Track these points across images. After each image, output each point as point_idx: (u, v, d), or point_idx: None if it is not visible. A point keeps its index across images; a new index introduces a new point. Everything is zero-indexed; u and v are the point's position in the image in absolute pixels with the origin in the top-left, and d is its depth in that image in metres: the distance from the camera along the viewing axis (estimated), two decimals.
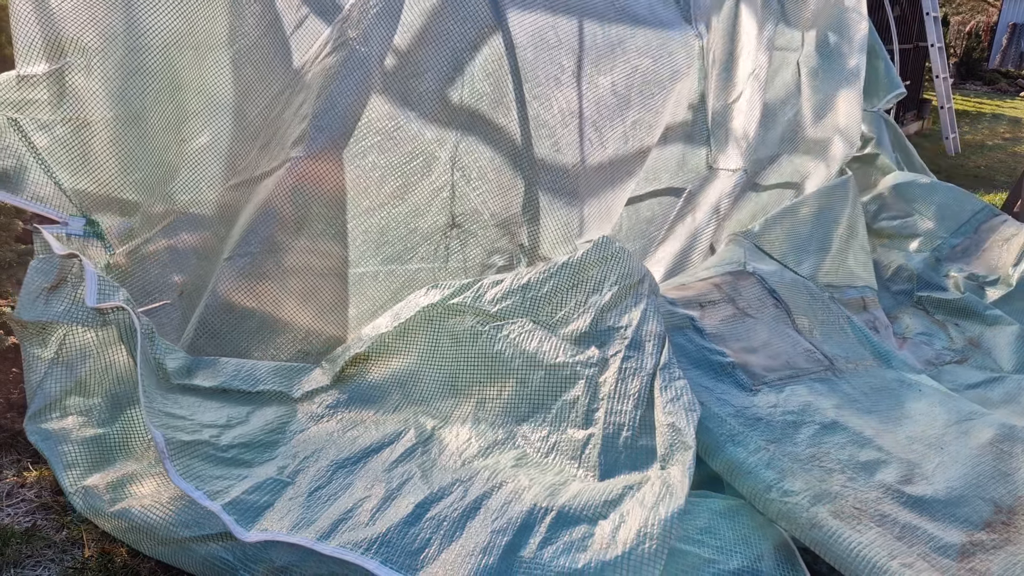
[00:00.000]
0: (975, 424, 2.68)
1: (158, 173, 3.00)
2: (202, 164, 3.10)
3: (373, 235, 3.19)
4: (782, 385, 2.74)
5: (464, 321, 2.74)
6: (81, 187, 2.85)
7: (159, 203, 3.04)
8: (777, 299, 3.20)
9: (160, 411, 2.55)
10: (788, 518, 2.17)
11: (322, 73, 2.95)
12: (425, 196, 3.22)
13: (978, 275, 3.99)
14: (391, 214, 3.19)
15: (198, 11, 2.88)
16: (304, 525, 2.20)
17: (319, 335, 3.09)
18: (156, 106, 2.90)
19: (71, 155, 2.81)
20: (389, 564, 2.05)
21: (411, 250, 3.25)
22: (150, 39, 2.81)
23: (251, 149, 3.13)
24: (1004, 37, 18.13)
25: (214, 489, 2.33)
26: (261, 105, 3.13)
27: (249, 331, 3.03)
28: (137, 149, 2.91)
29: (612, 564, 1.93)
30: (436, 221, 3.27)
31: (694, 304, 3.02)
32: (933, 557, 2.07)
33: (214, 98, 3.04)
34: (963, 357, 3.51)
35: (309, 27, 3.13)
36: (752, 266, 3.36)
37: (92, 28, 2.71)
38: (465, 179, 3.25)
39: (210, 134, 3.08)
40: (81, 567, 2.42)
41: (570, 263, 2.71)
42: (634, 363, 2.47)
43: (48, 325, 2.62)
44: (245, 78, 3.07)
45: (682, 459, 2.18)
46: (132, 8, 2.77)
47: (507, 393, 2.61)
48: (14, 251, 3.30)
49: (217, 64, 3.02)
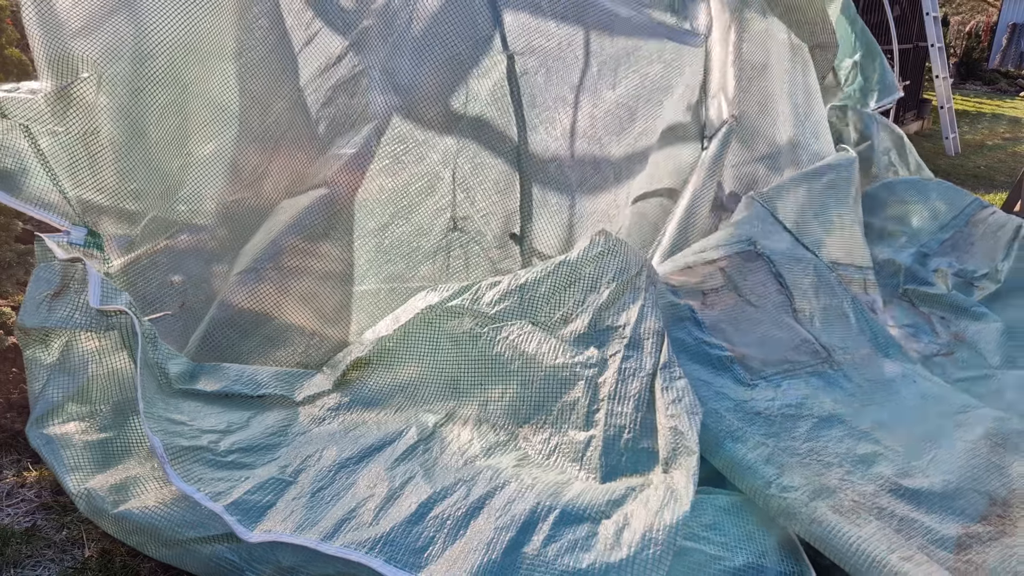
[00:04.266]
0: (969, 417, 2.69)
1: (161, 185, 3.04)
2: (206, 177, 3.15)
3: (378, 254, 3.25)
4: (779, 379, 2.74)
5: (463, 323, 2.74)
6: (85, 197, 2.89)
7: (162, 214, 3.08)
8: (782, 284, 3.16)
9: (159, 416, 2.55)
10: (788, 514, 2.17)
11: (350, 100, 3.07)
12: (428, 216, 3.28)
13: (966, 270, 3.95)
14: (395, 233, 3.26)
15: (205, 24, 2.92)
16: (308, 526, 2.21)
17: (319, 349, 3.14)
18: (161, 119, 2.95)
19: (77, 165, 2.86)
20: (393, 562, 2.05)
21: (413, 268, 3.30)
22: (157, 54, 2.86)
23: (258, 164, 3.18)
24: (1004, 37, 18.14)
25: (216, 490, 2.34)
26: (268, 120, 3.17)
27: (252, 347, 3.08)
28: (140, 161, 2.95)
29: (616, 567, 1.93)
30: (438, 240, 3.34)
31: (695, 292, 2.99)
32: (931, 550, 2.07)
33: (219, 111, 3.09)
34: (949, 351, 3.49)
35: (319, 43, 3.18)
36: (763, 244, 3.30)
37: (99, 43, 2.76)
38: (469, 200, 3.31)
39: (214, 147, 3.12)
40: (81, 567, 2.42)
41: (567, 260, 2.70)
42: (633, 363, 2.47)
43: (51, 331, 2.65)
44: (251, 91, 3.12)
45: (686, 464, 2.17)
46: (140, 22, 2.81)
47: (508, 395, 2.62)
48: (14, 251, 3.31)
49: (223, 77, 3.06)
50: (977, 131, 11.55)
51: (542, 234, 3.40)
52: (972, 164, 9.18)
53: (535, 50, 3.29)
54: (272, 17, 3.09)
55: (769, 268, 3.21)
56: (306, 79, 3.18)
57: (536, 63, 3.30)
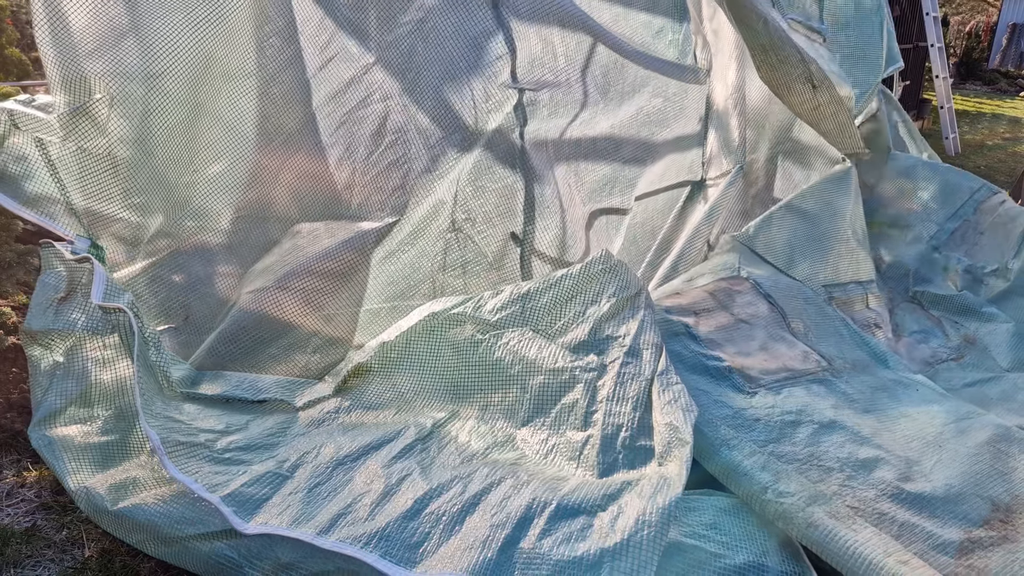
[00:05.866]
0: (972, 424, 2.68)
1: (168, 200, 3.08)
2: (213, 193, 3.20)
3: (384, 277, 3.34)
4: (779, 387, 2.74)
5: (464, 331, 2.76)
6: (93, 208, 2.94)
7: (168, 229, 3.12)
8: (772, 303, 3.18)
9: (158, 414, 2.57)
10: (785, 518, 2.17)
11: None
12: (431, 239, 3.37)
13: (976, 266, 3.91)
14: (401, 259, 3.36)
15: (214, 45, 2.95)
16: (304, 520, 2.22)
17: (320, 364, 3.19)
18: (169, 138, 2.99)
19: (85, 179, 2.91)
20: (388, 557, 2.06)
21: (414, 288, 3.39)
22: (167, 73, 2.88)
23: (266, 183, 3.24)
24: (1004, 37, 18.11)
25: (213, 483, 2.35)
26: (277, 139, 3.22)
27: (256, 361, 3.12)
28: (148, 177, 2.99)
29: (611, 551, 1.94)
30: (438, 261, 3.43)
31: (688, 312, 3.02)
32: (931, 554, 2.07)
33: (228, 130, 3.13)
34: (959, 355, 3.47)
35: (333, 68, 3.23)
36: (747, 271, 3.33)
37: (111, 63, 2.79)
38: (470, 221, 3.39)
39: (222, 165, 3.17)
40: (81, 567, 2.42)
41: (569, 275, 2.74)
42: (632, 368, 2.49)
43: (56, 334, 2.67)
44: (262, 111, 3.16)
45: (679, 454, 2.19)
46: (151, 42, 2.83)
47: (508, 399, 2.64)
48: (14, 251, 3.31)
49: (232, 96, 3.10)
50: (977, 131, 11.55)
51: (543, 233, 3.44)
52: (972, 164, 9.18)
53: (543, 83, 3.41)
54: (284, 36, 3.12)
55: (757, 290, 3.24)
56: (320, 101, 3.24)
57: (545, 97, 3.46)
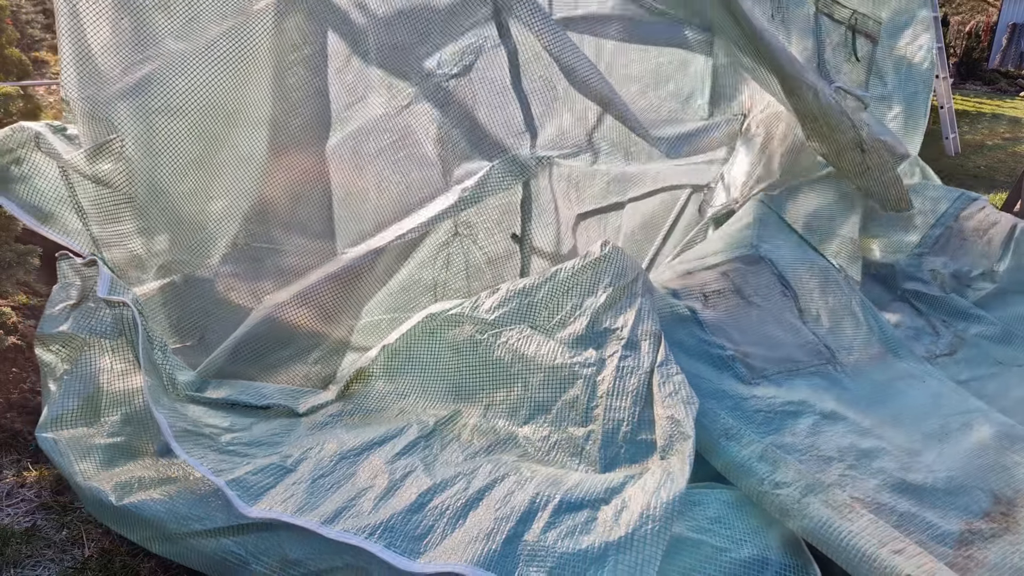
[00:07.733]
0: (977, 418, 2.67)
1: (183, 227, 3.15)
2: (227, 220, 3.26)
3: (384, 294, 3.38)
4: (782, 379, 2.73)
5: (463, 331, 2.77)
6: (107, 232, 3.03)
7: (184, 257, 3.20)
8: (785, 285, 3.15)
9: (165, 404, 2.59)
10: (782, 510, 2.17)
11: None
12: (431, 251, 3.44)
13: (962, 271, 3.93)
14: (402, 275, 3.42)
15: (236, 86, 3.00)
16: (308, 510, 2.23)
17: (320, 375, 3.25)
18: (186, 171, 3.05)
19: (102, 205, 3.01)
20: (392, 548, 2.07)
21: (413, 300, 3.44)
22: (187, 110, 2.95)
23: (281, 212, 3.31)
24: (1004, 37, 18.11)
25: (218, 468, 2.36)
26: (294, 173, 3.27)
27: (257, 372, 3.14)
28: (162, 208, 3.06)
29: (616, 544, 1.95)
30: (437, 274, 3.51)
31: (697, 295, 2.99)
32: (930, 544, 2.07)
33: (243, 162, 3.19)
34: (951, 350, 3.48)
35: (359, 107, 3.30)
36: (765, 248, 3.29)
37: (134, 102, 2.88)
38: (472, 236, 3.44)
39: (234, 198, 3.23)
40: (81, 567, 2.42)
41: (564, 267, 2.75)
42: (631, 362, 2.49)
43: (66, 338, 2.70)
44: (278, 145, 3.21)
45: (681, 448, 2.20)
46: (173, 79, 2.90)
47: (509, 398, 2.64)
48: (14, 251, 3.31)
49: (250, 130, 3.15)
50: (977, 131, 11.54)
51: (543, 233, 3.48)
52: (972, 164, 9.18)
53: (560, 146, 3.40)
54: (310, 67, 3.16)
55: (772, 270, 3.20)
56: (339, 137, 3.30)
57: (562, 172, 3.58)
